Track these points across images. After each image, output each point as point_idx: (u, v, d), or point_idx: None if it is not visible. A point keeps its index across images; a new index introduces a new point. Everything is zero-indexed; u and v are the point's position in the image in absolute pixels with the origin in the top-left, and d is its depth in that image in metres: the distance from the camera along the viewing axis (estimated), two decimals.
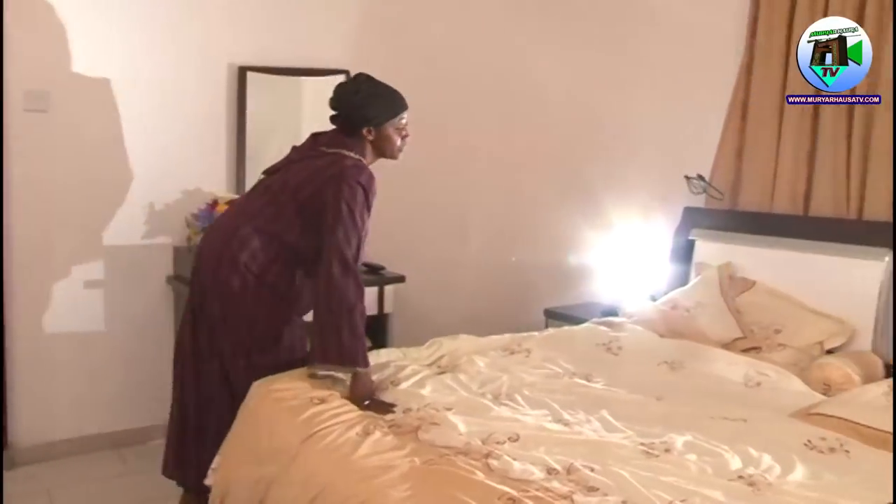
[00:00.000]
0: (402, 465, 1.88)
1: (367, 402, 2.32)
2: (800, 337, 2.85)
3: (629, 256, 3.70)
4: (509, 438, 2.04)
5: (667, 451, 2.03)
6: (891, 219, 2.90)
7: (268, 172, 2.80)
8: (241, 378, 2.49)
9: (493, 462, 1.87)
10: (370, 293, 3.60)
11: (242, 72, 3.67)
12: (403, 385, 2.43)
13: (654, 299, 3.34)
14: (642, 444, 2.05)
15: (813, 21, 3.06)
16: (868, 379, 2.59)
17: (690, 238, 3.43)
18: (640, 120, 3.87)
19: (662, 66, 3.77)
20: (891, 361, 2.73)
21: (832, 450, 2.10)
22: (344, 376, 2.41)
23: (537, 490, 1.73)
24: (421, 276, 3.96)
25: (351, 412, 2.21)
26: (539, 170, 4.30)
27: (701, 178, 3.39)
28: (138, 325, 3.57)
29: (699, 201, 3.48)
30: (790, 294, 3.01)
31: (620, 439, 2.09)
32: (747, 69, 3.35)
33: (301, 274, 2.62)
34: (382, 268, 3.76)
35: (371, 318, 3.62)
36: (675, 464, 1.94)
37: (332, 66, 3.87)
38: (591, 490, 1.74)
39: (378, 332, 3.65)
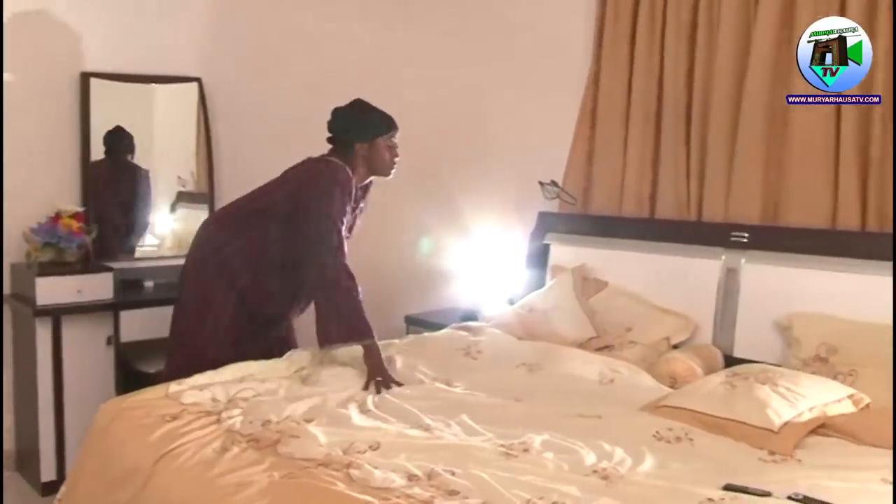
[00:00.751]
0: (261, 480, 1.83)
1: (378, 379, 2.54)
2: (648, 334, 3.00)
3: (487, 261, 3.77)
4: (370, 447, 2.03)
5: (525, 450, 2.06)
6: (725, 219, 3.10)
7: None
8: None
9: (354, 472, 1.85)
10: None
11: (85, 78, 3.49)
12: (265, 398, 2.36)
13: (511, 303, 3.42)
14: (502, 445, 2.08)
15: (655, 33, 3.26)
16: (709, 370, 2.75)
17: (545, 242, 3.53)
18: (497, 127, 3.95)
19: (517, 75, 3.87)
20: (730, 353, 2.92)
21: (678, 439, 2.21)
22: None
23: (398, 497, 1.72)
24: None
25: (206, 428, 2.12)
26: (395, 176, 4.30)
27: (554, 183, 3.49)
28: None
29: (553, 206, 3.59)
30: (639, 293, 3.15)
31: (481, 442, 2.12)
32: (595, 78, 3.49)
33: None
34: None
35: None
36: (534, 463, 1.98)
37: (184, 73, 3.75)
38: (452, 494, 1.75)
39: None
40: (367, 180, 3.02)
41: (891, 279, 2.59)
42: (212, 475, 1.87)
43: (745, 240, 2.99)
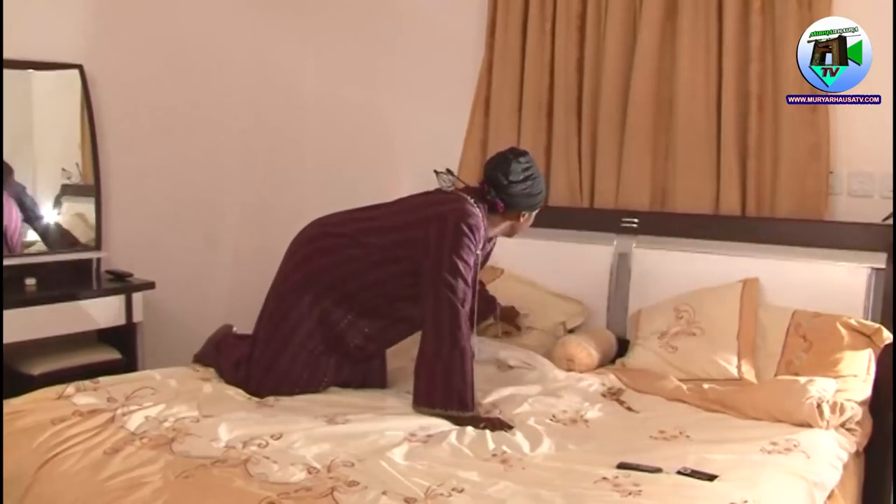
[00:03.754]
0: (155, 480, 1.77)
1: (482, 425, 2.21)
2: (545, 319, 3.06)
3: None
4: (272, 436, 2.00)
5: (429, 437, 2.09)
6: (616, 206, 3.20)
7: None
8: None
9: (253, 467, 1.82)
10: (115, 302, 3.39)
11: None
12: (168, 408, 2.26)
13: None
14: (410, 435, 2.09)
15: (546, 23, 3.32)
16: (604, 352, 2.84)
17: None
18: (394, 117, 3.95)
19: (413, 65, 3.88)
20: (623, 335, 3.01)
21: (573, 421, 2.28)
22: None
23: (297, 491, 1.70)
24: (172, 280, 3.77)
25: (97, 429, 2.03)
26: (296, 168, 4.26)
27: (449, 172, 3.49)
28: None
29: None
30: (534, 280, 3.21)
31: (386, 433, 2.11)
32: (489, 67, 3.53)
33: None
34: (130, 274, 3.53)
35: (118, 328, 3.42)
36: (437, 450, 2.01)
37: (65, 59, 3.57)
38: (352, 485, 1.74)
39: (126, 343, 3.42)
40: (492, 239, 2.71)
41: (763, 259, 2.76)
42: (101, 478, 1.79)
43: (636, 225, 3.09)
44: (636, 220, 3.10)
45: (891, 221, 2.66)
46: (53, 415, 2.10)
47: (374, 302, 2.47)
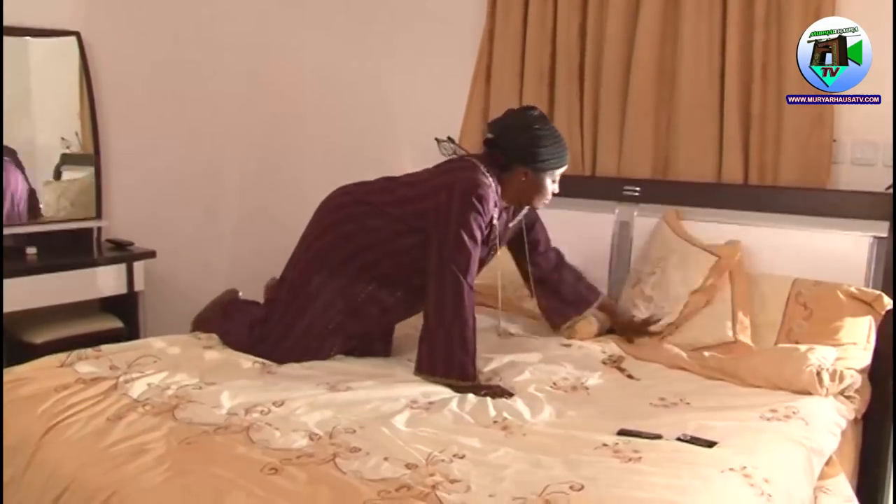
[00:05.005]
0: (158, 447, 1.78)
1: (483, 392, 2.21)
2: None
3: None
4: (274, 403, 2.02)
5: (430, 404, 2.10)
6: (618, 174, 3.19)
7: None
8: None
9: (255, 434, 1.83)
10: (117, 271, 3.40)
11: None
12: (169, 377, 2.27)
13: None
14: (412, 402, 2.11)
15: None
16: (605, 320, 2.83)
17: None
18: (396, 86, 3.92)
19: (414, 35, 3.84)
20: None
21: (574, 389, 2.29)
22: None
23: (299, 457, 1.72)
24: (173, 249, 3.78)
25: (100, 396, 2.04)
26: (296, 137, 4.24)
27: (451, 139, 3.50)
28: None
29: None
30: None
31: (388, 400, 2.12)
32: (490, 35, 3.50)
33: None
34: (130, 243, 3.54)
35: (120, 297, 3.43)
36: (439, 417, 2.02)
37: (62, 26, 3.54)
38: (354, 451, 1.75)
39: (128, 311, 3.44)
40: (522, 209, 2.61)
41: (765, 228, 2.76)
42: (105, 444, 1.80)
43: (637, 194, 3.08)
44: (638, 189, 3.09)
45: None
46: (56, 382, 2.11)
47: (395, 272, 2.47)
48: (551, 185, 2.50)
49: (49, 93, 3.63)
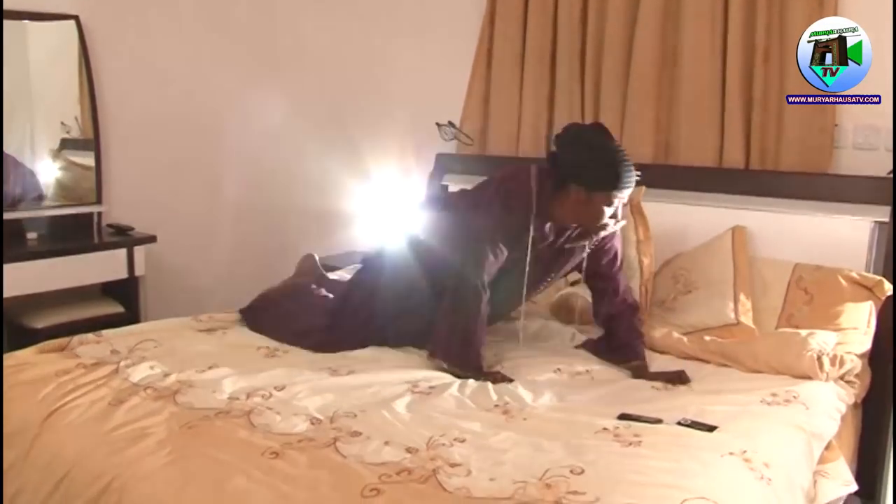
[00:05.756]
0: (159, 431, 1.79)
1: (483, 378, 2.21)
2: None
3: (388, 203, 3.75)
4: (275, 388, 2.03)
5: (431, 388, 2.10)
6: None
7: None
8: None
9: (256, 418, 1.84)
10: (117, 256, 3.40)
11: None
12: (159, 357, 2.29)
13: None
14: (413, 386, 2.11)
15: None
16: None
17: (444, 183, 3.53)
18: (396, 70, 3.91)
19: (414, 18, 3.82)
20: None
21: (578, 374, 2.29)
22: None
23: (300, 441, 1.72)
24: (174, 234, 3.77)
25: (101, 381, 2.05)
26: (296, 121, 4.22)
27: (451, 124, 3.50)
28: None
29: (451, 147, 3.59)
30: None
31: (389, 384, 2.12)
32: (491, 19, 3.48)
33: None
34: (131, 228, 3.54)
35: (121, 282, 3.43)
36: (439, 401, 2.02)
37: (61, 10, 3.52)
38: (355, 435, 1.76)
39: (129, 296, 3.44)
40: (588, 234, 2.43)
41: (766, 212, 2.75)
42: (106, 429, 1.81)
43: (639, 178, 3.06)
44: (639, 173, 3.07)
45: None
46: (58, 367, 2.12)
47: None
48: (607, 208, 2.33)
49: (48, 77, 3.61)
